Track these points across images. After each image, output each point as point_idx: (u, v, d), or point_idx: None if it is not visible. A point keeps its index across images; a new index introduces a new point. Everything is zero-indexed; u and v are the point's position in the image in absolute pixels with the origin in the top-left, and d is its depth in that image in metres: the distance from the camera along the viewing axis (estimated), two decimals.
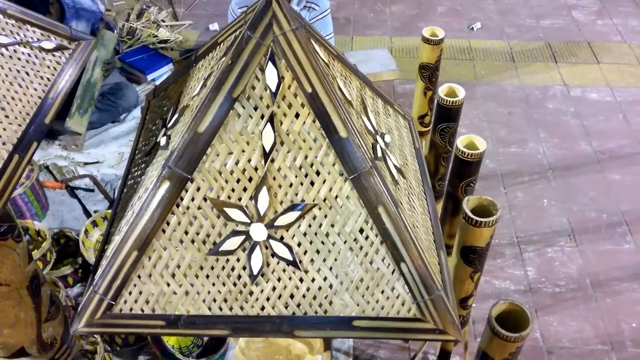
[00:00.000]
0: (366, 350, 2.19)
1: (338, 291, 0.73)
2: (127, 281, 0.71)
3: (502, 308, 1.28)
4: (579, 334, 2.20)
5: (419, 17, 4.01)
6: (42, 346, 1.18)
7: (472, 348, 2.16)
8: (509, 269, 2.45)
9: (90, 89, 2.80)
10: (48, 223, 2.53)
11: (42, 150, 2.87)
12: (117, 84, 2.97)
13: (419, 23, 3.91)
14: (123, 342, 2.10)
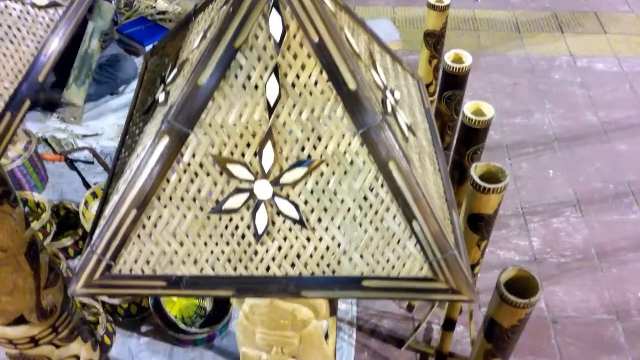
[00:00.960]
0: (369, 320, 2.18)
1: (346, 250, 0.70)
2: (126, 241, 0.68)
3: (510, 274, 1.26)
4: (585, 303, 2.19)
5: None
6: (42, 313, 1.16)
7: (477, 317, 2.15)
8: (513, 239, 2.43)
9: (88, 60, 2.75)
10: (47, 195, 2.50)
11: (41, 123, 2.83)
12: (115, 56, 2.91)
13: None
14: (125, 312, 2.08)
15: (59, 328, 1.23)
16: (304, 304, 0.97)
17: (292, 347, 1.06)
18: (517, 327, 1.28)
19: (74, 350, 1.29)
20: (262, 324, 1.02)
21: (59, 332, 1.23)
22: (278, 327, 1.02)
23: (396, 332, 2.14)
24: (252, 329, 1.05)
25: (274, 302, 0.96)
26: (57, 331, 1.22)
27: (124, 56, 2.93)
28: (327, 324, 1.12)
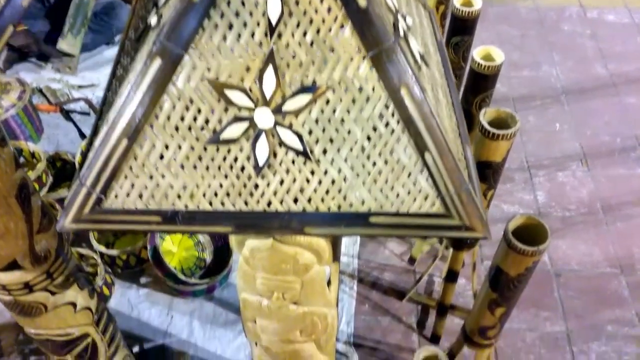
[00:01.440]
0: (371, 273, 2.16)
1: (353, 185, 0.65)
2: (117, 173, 0.63)
3: (519, 222, 1.22)
4: (588, 257, 2.17)
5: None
6: (35, 259, 1.12)
7: (480, 271, 2.13)
8: (518, 193, 2.39)
9: (83, 9, 2.65)
10: (43, 146, 2.45)
11: (35, 73, 2.76)
12: (110, 3, 2.81)
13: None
14: (124, 264, 2.06)
15: (54, 274, 1.19)
16: (306, 247, 0.93)
17: (294, 292, 1.03)
18: (524, 276, 1.25)
19: (70, 298, 1.27)
20: (262, 269, 0.99)
21: (54, 278, 1.20)
22: (279, 272, 0.98)
23: (397, 285, 2.13)
24: (253, 274, 1.02)
25: (275, 245, 0.92)
26: (52, 277, 1.19)
27: (119, 4, 2.83)
28: (329, 270, 1.08)
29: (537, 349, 1.94)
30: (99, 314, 1.39)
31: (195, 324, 2.00)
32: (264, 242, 0.93)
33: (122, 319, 2.00)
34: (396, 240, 2.25)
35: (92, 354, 1.43)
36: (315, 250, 0.95)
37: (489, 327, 1.43)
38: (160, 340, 1.97)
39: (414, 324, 2.03)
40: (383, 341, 1.98)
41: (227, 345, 1.96)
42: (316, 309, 1.11)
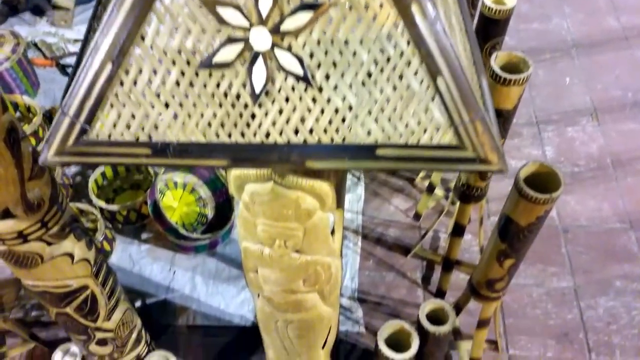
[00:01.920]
0: (375, 229, 2.13)
1: (359, 114, 0.60)
2: (102, 100, 0.58)
3: (531, 170, 1.17)
4: (597, 212, 2.12)
5: None
6: (28, 207, 1.08)
7: (486, 227, 2.09)
8: (526, 148, 2.33)
9: None
10: (40, 101, 2.39)
11: (29, 27, 2.67)
12: None
13: None
14: (124, 219, 2.03)
15: (49, 223, 1.16)
16: (308, 191, 0.89)
17: (296, 240, 0.99)
18: (535, 226, 1.21)
19: (66, 248, 1.23)
20: (263, 215, 0.94)
21: (49, 227, 1.16)
22: (280, 218, 0.94)
23: (402, 241, 2.09)
24: (253, 220, 0.97)
25: (275, 189, 0.88)
26: (46, 227, 1.15)
27: None
28: (333, 219, 1.04)
29: (543, 304, 1.92)
30: (98, 265, 1.36)
31: (198, 280, 1.98)
32: (264, 186, 0.89)
33: (123, 275, 1.99)
34: (401, 196, 2.21)
35: (92, 306, 1.40)
36: (318, 195, 0.91)
37: (496, 280, 1.40)
38: (163, 295, 1.96)
39: (418, 279, 2.00)
40: (387, 296, 1.96)
41: (231, 301, 1.94)
42: (319, 258, 1.07)
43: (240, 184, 0.91)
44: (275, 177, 0.85)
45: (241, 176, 0.89)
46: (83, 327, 1.46)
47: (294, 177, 0.85)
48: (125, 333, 1.58)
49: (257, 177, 0.87)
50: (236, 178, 0.90)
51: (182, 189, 2.05)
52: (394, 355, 1.36)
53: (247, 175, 0.88)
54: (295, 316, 1.23)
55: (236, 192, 0.94)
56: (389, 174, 2.26)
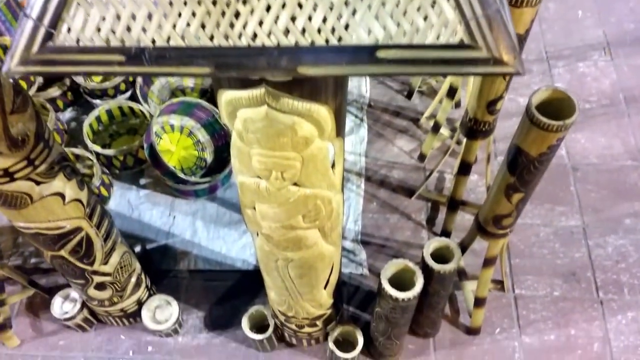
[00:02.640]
0: (379, 171, 2.07)
1: (357, 9, 0.53)
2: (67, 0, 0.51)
3: (543, 96, 1.10)
4: (608, 150, 2.06)
5: None
6: (12, 142, 1.03)
7: (493, 167, 2.03)
8: (535, 85, 2.24)
9: None
10: None
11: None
12: None
13: None
14: (121, 165, 1.98)
15: (36, 161, 1.10)
16: (305, 116, 0.82)
17: (294, 171, 0.93)
18: (546, 157, 1.15)
19: (56, 188, 1.18)
20: (258, 144, 0.88)
21: (36, 165, 1.11)
22: (276, 147, 0.88)
23: (406, 182, 2.04)
24: (248, 151, 0.92)
25: (270, 114, 0.81)
26: (33, 164, 1.10)
27: None
28: (333, 150, 0.98)
29: (551, 243, 1.88)
30: (91, 207, 1.32)
31: (199, 224, 1.95)
32: (257, 111, 0.83)
33: (122, 221, 1.95)
34: (405, 137, 2.14)
35: (88, 248, 1.37)
36: (316, 120, 0.85)
37: (504, 216, 1.35)
38: (163, 240, 1.93)
39: (423, 221, 1.96)
40: (391, 238, 1.93)
41: (232, 245, 1.91)
42: (319, 191, 1.02)
43: (232, 110, 0.85)
44: (269, 100, 0.79)
45: (233, 101, 0.83)
46: (80, 270, 1.43)
47: (289, 100, 0.79)
48: (124, 277, 1.56)
49: (250, 101, 0.81)
50: (228, 104, 0.84)
51: (180, 132, 1.99)
52: (397, 294, 1.33)
53: (239, 99, 0.81)
54: (295, 254, 1.19)
55: (228, 119, 0.88)
56: (393, 114, 2.19)
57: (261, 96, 0.78)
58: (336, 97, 0.81)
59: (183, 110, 1.94)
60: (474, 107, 1.50)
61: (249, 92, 0.78)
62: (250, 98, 0.79)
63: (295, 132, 0.85)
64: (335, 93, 0.79)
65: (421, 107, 2.21)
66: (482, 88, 1.43)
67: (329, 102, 0.82)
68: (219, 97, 0.84)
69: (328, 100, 0.81)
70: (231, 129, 0.90)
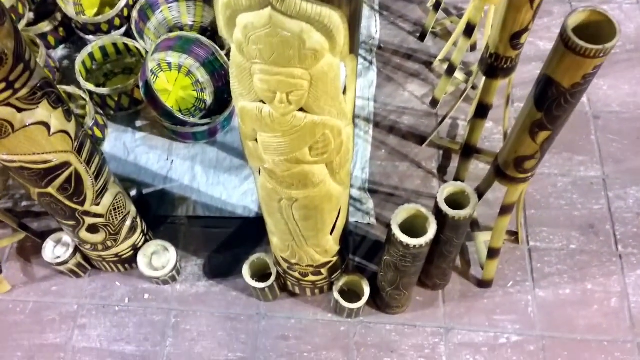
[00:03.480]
0: (388, 117, 1.97)
1: None
2: None
3: (581, 18, 0.98)
4: (632, 97, 1.94)
5: None
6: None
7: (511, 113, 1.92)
8: (555, 28, 2.11)
9: None
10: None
11: None
12: None
13: None
14: (116, 105, 1.87)
15: (15, 84, 1.00)
16: (314, 23, 0.71)
17: (301, 92, 0.82)
18: (579, 88, 1.03)
19: (41, 117, 1.08)
20: (260, 57, 0.77)
21: (16, 89, 1.01)
22: (281, 61, 0.77)
23: (417, 129, 1.93)
24: (249, 67, 0.81)
25: (275, 19, 0.70)
26: (13, 88, 1.00)
27: None
28: (345, 73, 0.87)
29: (569, 194, 1.79)
30: (80, 140, 1.22)
31: (198, 169, 1.85)
32: (260, 14, 0.71)
33: (118, 164, 1.86)
34: (417, 82, 2.03)
35: (77, 186, 1.28)
36: (327, 29, 0.73)
37: (527, 157, 1.24)
38: (161, 185, 1.83)
39: (434, 169, 1.86)
40: (400, 187, 1.83)
41: (233, 191, 1.81)
42: (329, 119, 0.91)
43: (231, 14, 0.74)
44: (274, 0, 0.68)
45: (232, 3, 0.71)
46: (70, 210, 1.34)
47: (297, 1, 0.68)
48: (117, 220, 1.47)
49: (252, 3, 0.69)
50: (226, 5, 0.72)
51: (177, 71, 1.88)
52: (409, 240, 1.25)
53: (239, 1, 0.70)
54: (300, 193, 1.09)
55: (226, 28, 0.77)
56: (404, 57, 2.06)
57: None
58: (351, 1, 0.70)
59: (181, 47, 1.81)
60: (495, 41, 1.38)
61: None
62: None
63: (303, 43, 0.74)
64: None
65: (434, 49, 2.09)
66: (506, 18, 1.31)
67: (343, 7, 0.71)
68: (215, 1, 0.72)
69: (342, 3, 0.70)
70: (230, 40, 0.79)
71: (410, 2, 2.21)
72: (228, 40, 0.79)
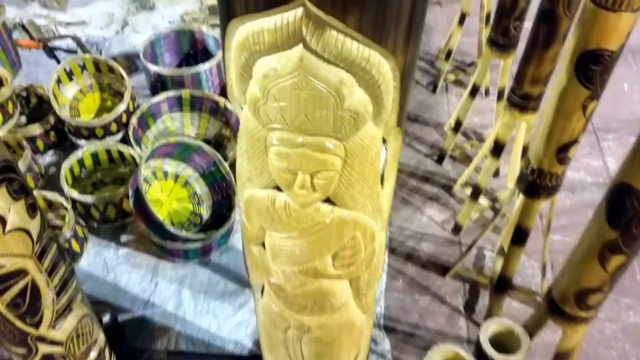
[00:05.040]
0: (405, 242, 1.75)
1: None
2: None
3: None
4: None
5: None
6: None
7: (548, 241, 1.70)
8: (584, 158, 1.98)
9: None
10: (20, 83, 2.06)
11: (19, 9, 2.39)
12: None
13: None
14: (101, 217, 1.66)
15: None
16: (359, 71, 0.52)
17: (330, 174, 0.62)
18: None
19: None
20: (282, 121, 0.57)
21: None
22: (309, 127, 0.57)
23: (438, 258, 1.71)
24: (264, 138, 0.61)
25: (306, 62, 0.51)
26: None
27: None
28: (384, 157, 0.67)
29: (620, 343, 1.51)
30: (43, 244, 0.99)
31: (186, 294, 1.59)
32: (287, 56, 0.52)
33: (94, 283, 1.60)
34: (436, 206, 1.84)
35: (33, 302, 1.02)
36: (373, 83, 0.54)
37: (592, 290, 1.00)
38: (140, 311, 1.56)
39: (460, 305, 1.60)
40: (422, 325, 1.56)
41: (224, 321, 1.54)
42: (362, 217, 0.69)
43: (247, 60, 0.55)
44: (309, 32, 0.49)
45: (250, 37, 0.53)
46: (21, 334, 1.06)
47: (340, 36, 0.50)
48: (80, 350, 1.18)
49: (277, 35, 0.51)
50: (241, 47, 0.54)
51: (174, 181, 1.69)
52: None
53: (260, 33, 0.51)
54: (314, 319, 0.84)
55: (239, 82, 0.58)
56: (421, 180, 1.90)
57: (296, 23, 0.49)
58: (408, 45, 0.52)
59: (180, 154, 1.65)
60: (539, 154, 1.21)
61: (278, 17, 0.48)
62: (278, 29, 0.50)
63: (342, 100, 0.54)
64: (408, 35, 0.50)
65: (454, 173, 1.93)
66: (552, 127, 1.14)
67: (397, 54, 0.53)
68: (228, 37, 0.54)
69: (397, 48, 0.51)
70: (241, 102, 0.60)
71: (426, 124, 2.10)
72: (239, 99, 0.60)
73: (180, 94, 1.81)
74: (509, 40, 1.61)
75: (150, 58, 1.93)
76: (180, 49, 2.05)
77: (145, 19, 2.34)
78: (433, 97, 2.20)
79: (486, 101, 2.16)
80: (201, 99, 1.83)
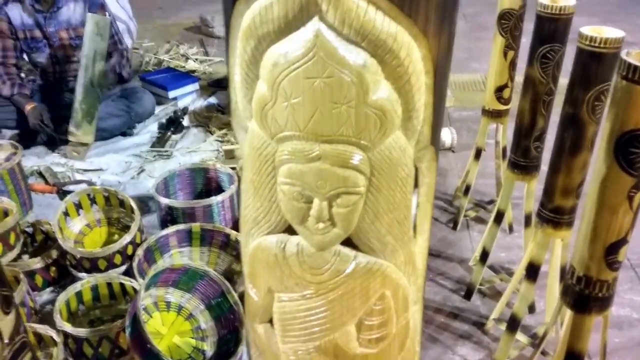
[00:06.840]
0: None
1: None
2: None
3: None
4: None
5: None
6: None
7: None
8: (625, 294, 1.80)
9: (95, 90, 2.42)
10: None
11: (39, 159, 2.45)
12: (133, 88, 2.60)
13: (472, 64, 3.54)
14: (94, 354, 1.48)
15: None
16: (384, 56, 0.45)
17: (353, 198, 0.50)
18: None
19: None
20: (293, 123, 0.48)
21: None
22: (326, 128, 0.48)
23: None
24: (272, 154, 0.51)
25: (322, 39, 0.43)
26: None
27: (142, 90, 2.60)
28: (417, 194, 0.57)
29: None
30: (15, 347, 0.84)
31: None
32: (300, 37, 0.45)
33: None
34: (468, 345, 1.63)
35: None
36: (401, 72, 0.45)
37: None
38: None
39: None
40: None
41: None
42: (390, 268, 0.56)
43: (254, 48, 0.47)
44: (324, 1, 0.43)
45: (256, 21, 0.46)
46: None
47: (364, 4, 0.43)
48: None
49: (289, 11, 0.44)
50: (248, 33, 0.47)
51: (176, 313, 1.54)
52: None
53: (268, 11, 0.45)
54: None
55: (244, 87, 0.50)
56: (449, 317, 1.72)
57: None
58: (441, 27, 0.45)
59: (185, 283, 1.52)
60: (584, 258, 1.07)
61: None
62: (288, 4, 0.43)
63: (365, 89, 0.46)
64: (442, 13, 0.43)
65: (484, 309, 1.75)
66: (596, 225, 1.03)
67: (429, 33, 0.46)
68: (232, 31, 0.48)
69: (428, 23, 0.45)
70: (246, 116, 0.52)
71: (449, 260, 1.97)
72: (244, 117, 0.52)
73: (190, 227, 1.74)
74: (531, 162, 1.56)
75: (164, 195, 1.89)
76: (194, 186, 2.03)
77: (162, 166, 2.37)
78: (454, 233, 2.10)
79: (511, 237, 2.05)
80: (212, 232, 1.75)
